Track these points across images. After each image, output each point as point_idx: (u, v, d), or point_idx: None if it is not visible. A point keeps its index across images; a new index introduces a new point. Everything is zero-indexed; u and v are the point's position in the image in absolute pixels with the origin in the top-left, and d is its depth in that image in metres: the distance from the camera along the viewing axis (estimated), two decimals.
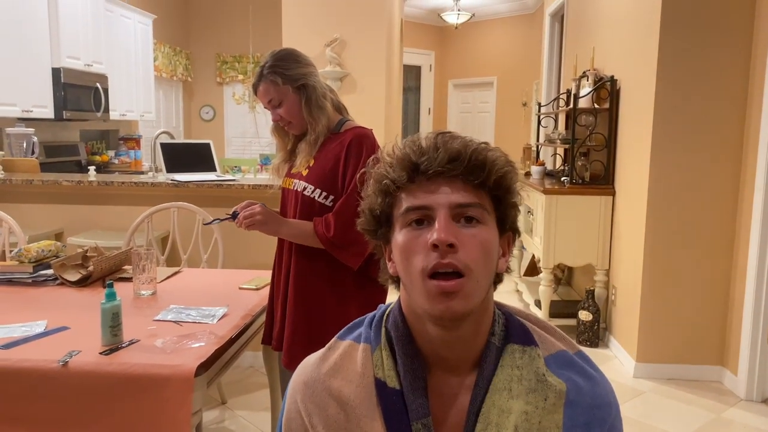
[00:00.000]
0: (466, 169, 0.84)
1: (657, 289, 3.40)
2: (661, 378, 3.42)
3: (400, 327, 0.89)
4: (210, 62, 8.72)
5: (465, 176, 0.85)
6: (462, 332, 0.86)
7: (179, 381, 1.57)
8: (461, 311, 0.82)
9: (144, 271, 2.20)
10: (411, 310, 0.89)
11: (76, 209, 3.64)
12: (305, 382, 0.92)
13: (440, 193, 0.84)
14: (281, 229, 1.91)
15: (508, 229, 0.90)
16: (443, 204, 0.84)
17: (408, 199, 0.86)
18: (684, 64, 3.24)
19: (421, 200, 0.85)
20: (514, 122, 8.50)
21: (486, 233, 0.85)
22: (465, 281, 0.82)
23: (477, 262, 0.83)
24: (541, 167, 4.68)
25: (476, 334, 0.88)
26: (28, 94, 4.67)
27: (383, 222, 0.90)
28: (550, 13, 6.09)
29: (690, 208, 3.33)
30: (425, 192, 0.85)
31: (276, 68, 1.87)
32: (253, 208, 1.89)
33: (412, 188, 0.86)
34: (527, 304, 4.56)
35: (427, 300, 0.82)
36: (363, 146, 1.85)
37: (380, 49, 5.20)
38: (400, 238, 0.86)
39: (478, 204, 0.85)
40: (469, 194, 0.85)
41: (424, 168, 0.85)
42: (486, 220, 0.86)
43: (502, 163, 0.87)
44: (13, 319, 1.94)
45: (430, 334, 0.87)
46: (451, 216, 0.83)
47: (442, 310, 0.82)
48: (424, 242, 0.83)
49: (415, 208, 0.85)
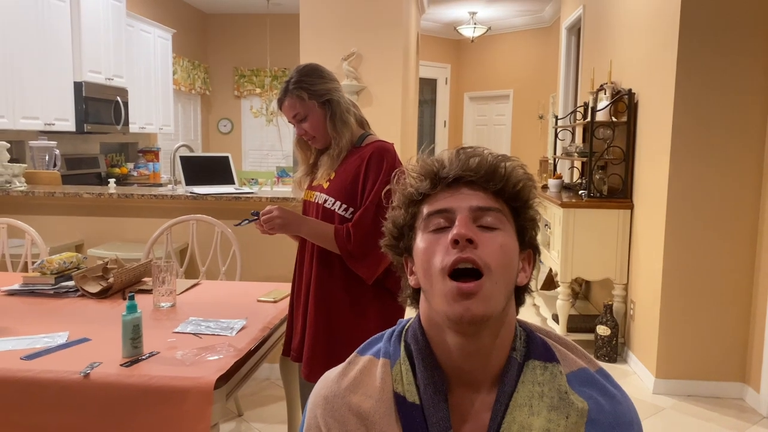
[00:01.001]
0: (485, 175, 0.88)
1: (677, 303, 3.36)
2: (682, 394, 3.38)
3: (419, 339, 0.90)
4: (228, 76, 8.82)
5: (484, 182, 0.88)
6: (481, 343, 0.85)
7: (199, 393, 1.58)
8: (480, 314, 0.82)
9: (164, 283, 2.22)
10: (431, 321, 0.88)
11: (97, 221, 3.69)
12: (325, 396, 0.92)
13: (461, 197, 0.87)
14: (302, 227, 1.93)
15: (528, 245, 0.91)
16: (463, 206, 0.86)
17: (429, 206, 0.89)
18: (703, 77, 3.22)
19: (442, 204, 0.88)
20: (530, 135, 8.49)
21: (505, 237, 0.87)
22: (484, 281, 0.82)
23: (496, 262, 0.84)
24: (558, 180, 4.67)
25: (496, 346, 0.87)
26: (51, 107, 4.75)
27: (406, 233, 0.92)
28: (567, 27, 6.09)
29: (710, 222, 3.30)
30: (446, 197, 0.88)
31: (302, 83, 1.89)
32: (270, 214, 1.91)
33: (434, 195, 0.89)
34: (544, 319, 4.53)
35: (446, 301, 0.83)
36: (383, 160, 1.86)
37: (397, 62, 5.23)
38: (422, 241, 0.88)
39: (498, 209, 0.87)
40: (488, 200, 0.87)
41: (444, 174, 0.88)
42: (505, 227, 0.87)
43: (520, 174, 0.90)
44: (36, 330, 1.96)
45: (450, 346, 0.86)
46: (471, 218, 0.86)
47: (461, 312, 0.81)
48: (444, 243, 0.85)
49: (437, 212, 0.87)
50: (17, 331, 1.95)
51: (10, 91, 4.30)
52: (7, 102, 4.27)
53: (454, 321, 0.83)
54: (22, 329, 1.97)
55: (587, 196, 4.01)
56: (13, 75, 4.31)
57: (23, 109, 4.43)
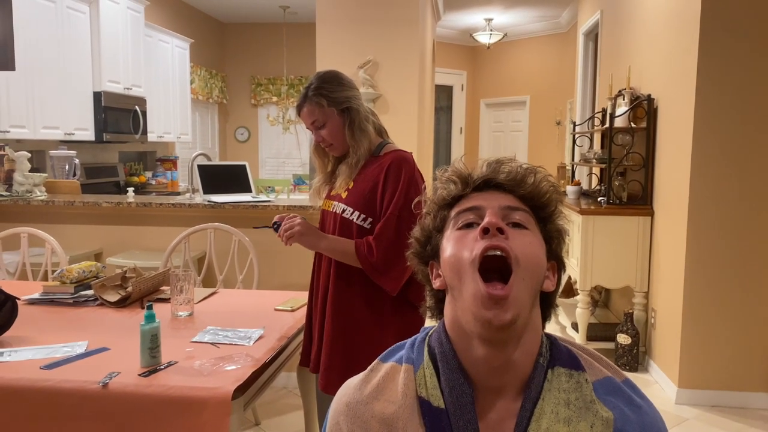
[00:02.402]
0: (514, 180, 0.91)
1: (699, 311, 3.30)
2: (705, 405, 3.31)
3: (444, 343, 0.88)
4: (245, 85, 8.88)
5: (512, 187, 0.91)
6: (508, 354, 0.84)
7: (217, 404, 1.57)
8: (509, 319, 0.81)
9: (182, 292, 2.22)
10: (457, 326, 0.87)
11: (115, 230, 3.72)
12: (348, 403, 0.91)
13: (490, 196, 0.90)
14: (320, 243, 1.91)
15: (553, 255, 0.91)
16: (493, 204, 0.89)
17: (460, 206, 0.91)
18: (724, 82, 3.17)
19: (472, 202, 0.90)
20: (547, 141, 8.44)
21: (533, 236, 0.88)
22: (513, 281, 0.82)
23: (525, 256, 0.84)
24: (576, 187, 4.62)
25: (522, 356, 0.86)
26: (71, 117, 4.81)
27: (434, 236, 0.94)
28: (584, 32, 6.05)
29: (732, 228, 3.24)
30: (476, 198, 0.91)
31: (321, 90, 1.88)
32: (293, 221, 1.90)
33: (464, 197, 0.92)
34: (563, 327, 4.48)
35: (474, 303, 0.82)
36: (402, 170, 1.85)
37: (413, 70, 5.22)
38: (450, 237, 0.89)
39: (526, 210, 0.90)
40: (517, 202, 0.90)
41: (476, 177, 0.92)
42: (533, 228, 0.89)
43: (547, 187, 0.92)
44: (55, 339, 1.97)
45: (476, 356, 0.85)
46: (500, 215, 0.87)
47: (490, 318, 0.80)
48: (473, 235, 0.86)
49: (467, 210, 0.90)
50: (37, 340, 1.96)
51: (31, 102, 4.36)
52: (27, 112, 4.32)
53: (482, 324, 0.82)
54: (42, 338, 1.98)
55: (606, 203, 3.96)
56: (33, 85, 4.37)
57: (44, 119, 4.49)
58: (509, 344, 0.84)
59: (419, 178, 1.88)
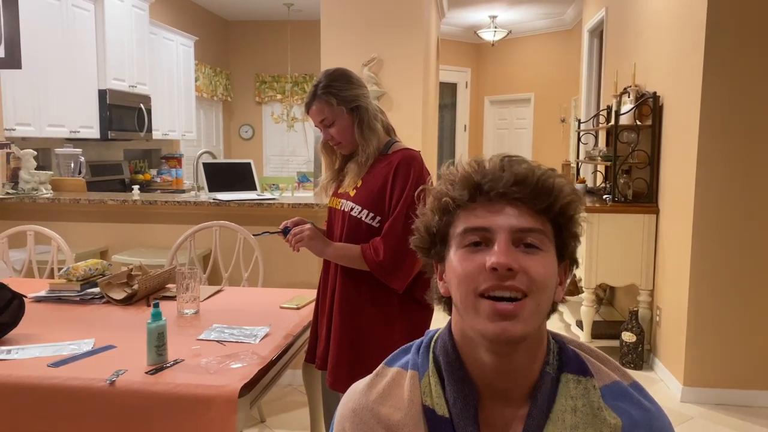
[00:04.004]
0: (532, 192, 0.82)
1: (704, 309, 3.30)
2: (710, 403, 3.31)
3: (449, 352, 0.87)
4: (249, 82, 8.89)
5: (529, 200, 0.82)
6: (516, 362, 0.84)
7: (223, 401, 1.58)
8: (518, 334, 0.80)
9: (187, 290, 2.23)
10: (462, 335, 0.86)
11: (121, 227, 3.73)
12: (353, 409, 0.91)
13: (502, 215, 0.82)
14: (327, 249, 1.92)
15: (567, 257, 0.88)
16: (504, 227, 0.81)
17: (467, 219, 0.84)
18: (730, 79, 3.16)
19: (481, 221, 0.82)
20: (552, 138, 8.42)
21: (546, 260, 0.83)
22: (525, 302, 0.80)
23: (536, 286, 0.81)
24: (581, 185, 4.62)
25: (530, 363, 0.85)
26: (76, 115, 4.81)
27: (438, 240, 0.88)
28: (589, 29, 6.03)
29: (738, 226, 3.23)
30: (486, 212, 0.83)
31: (330, 89, 1.88)
32: (303, 227, 1.91)
33: (472, 208, 0.84)
34: (568, 325, 4.47)
35: (480, 320, 0.80)
36: (411, 168, 1.85)
37: (417, 67, 5.21)
38: (456, 258, 0.84)
39: (540, 230, 0.82)
40: (531, 219, 0.82)
41: (487, 188, 0.83)
42: (546, 247, 0.83)
43: (568, 191, 0.85)
44: (62, 336, 1.98)
45: (482, 362, 0.85)
46: (511, 240, 0.81)
47: (498, 332, 0.79)
48: (480, 263, 0.81)
49: (474, 229, 0.83)
50: (44, 337, 1.97)
51: (36, 100, 4.36)
52: (33, 110, 4.33)
53: (489, 340, 0.81)
54: (49, 336, 1.99)
55: (612, 201, 3.96)
56: (39, 83, 4.38)
57: (49, 117, 4.49)
58: (518, 353, 0.83)
59: (427, 177, 1.89)
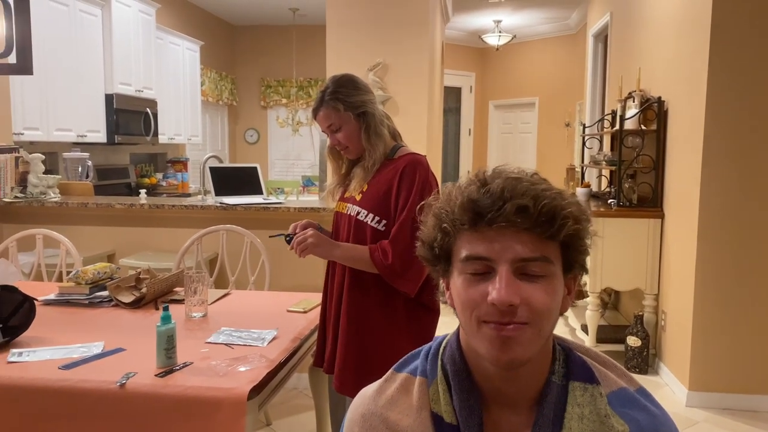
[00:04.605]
0: (535, 222, 0.80)
1: (710, 313, 3.30)
2: (716, 407, 3.30)
3: (457, 361, 0.89)
4: (254, 87, 8.92)
5: (533, 228, 0.81)
6: (522, 372, 0.86)
7: (232, 404, 1.59)
8: (519, 359, 0.82)
9: (195, 294, 2.25)
10: (469, 346, 0.88)
11: (128, 231, 3.75)
12: (363, 414, 0.92)
13: (503, 244, 0.81)
14: (334, 251, 1.93)
15: (575, 269, 0.88)
16: (506, 258, 0.80)
17: (468, 246, 0.83)
18: (735, 84, 3.17)
19: (483, 250, 0.82)
20: (556, 143, 8.42)
21: (549, 286, 0.82)
22: (525, 329, 0.81)
23: (540, 315, 0.81)
24: (586, 189, 4.62)
25: (536, 371, 0.87)
26: (83, 119, 4.85)
27: (442, 258, 0.88)
28: (593, 34, 6.04)
29: (743, 230, 3.23)
30: (487, 241, 0.81)
31: (338, 94, 1.90)
32: (305, 234, 1.92)
33: (473, 233, 0.83)
34: (573, 329, 4.48)
35: (483, 344, 0.82)
36: (416, 173, 1.86)
37: (422, 72, 5.23)
38: (459, 282, 0.85)
39: (543, 258, 0.81)
40: (534, 247, 0.81)
41: (489, 218, 0.81)
42: (550, 271, 0.82)
43: (575, 217, 0.83)
44: (72, 339, 2.00)
45: (489, 372, 0.87)
46: (512, 270, 0.80)
47: (499, 356, 0.81)
48: (483, 293, 0.81)
49: (476, 258, 0.82)
50: (54, 340, 1.99)
51: (44, 104, 4.40)
52: (41, 114, 4.37)
53: (491, 362, 0.83)
54: (59, 339, 2.00)
55: (616, 205, 3.96)
56: (47, 88, 4.42)
57: (57, 121, 4.53)
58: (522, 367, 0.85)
59: (433, 181, 1.90)
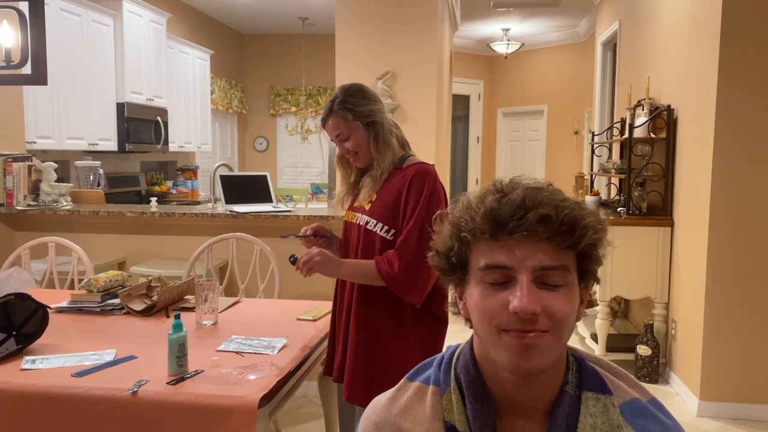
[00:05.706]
0: (556, 231, 0.81)
1: (720, 322, 3.28)
2: (728, 417, 3.28)
3: (471, 371, 0.89)
4: (264, 95, 8.97)
5: (553, 238, 0.82)
6: (536, 381, 0.86)
7: (243, 412, 1.60)
8: (539, 367, 0.82)
9: (206, 302, 2.26)
10: (483, 356, 0.88)
11: (139, 239, 3.78)
12: (376, 423, 0.93)
13: (524, 254, 0.81)
14: (340, 269, 1.92)
15: (590, 279, 0.89)
16: (527, 267, 0.81)
17: (488, 255, 0.84)
18: (745, 92, 3.16)
19: (503, 259, 0.82)
20: (565, 150, 8.41)
21: (568, 295, 0.83)
22: (545, 337, 0.81)
23: (560, 324, 0.82)
24: (595, 197, 4.61)
25: (550, 381, 0.87)
26: (95, 128, 4.89)
27: (458, 268, 0.89)
28: (602, 42, 6.05)
29: (754, 238, 3.22)
30: (507, 250, 0.82)
31: (347, 104, 1.92)
32: (311, 255, 1.90)
33: (492, 243, 0.84)
34: (582, 338, 4.46)
35: (502, 353, 0.82)
36: (424, 183, 1.87)
37: (431, 81, 5.25)
38: (477, 292, 0.85)
39: (563, 267, 0.83)
40: (554, 256, 0.82)
41: (511, 227, 0.81)
42: (569, 281, 0.84)
43: (594, 228, 0.84)
44: (84, 347, 2.02)
45: (503, 380, 0.87)
46: (532, 279, 0.81)
47: (518, 364, 0.81)
48: (503, 302, 0.82)
49: (496, 267, 0.83)
50: (67, 348, 2.01)
51: (57, 113, 4.44)
52: (53, 123, 4.41)
53: (509, 371, 0.83)
54: (71, 346, 2.02)
55: (626, 214, 3.95)
56: (59, 97, 4.46)
57: (69, 129, 4.57)
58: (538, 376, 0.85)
59: (441, 191, 1.90)
